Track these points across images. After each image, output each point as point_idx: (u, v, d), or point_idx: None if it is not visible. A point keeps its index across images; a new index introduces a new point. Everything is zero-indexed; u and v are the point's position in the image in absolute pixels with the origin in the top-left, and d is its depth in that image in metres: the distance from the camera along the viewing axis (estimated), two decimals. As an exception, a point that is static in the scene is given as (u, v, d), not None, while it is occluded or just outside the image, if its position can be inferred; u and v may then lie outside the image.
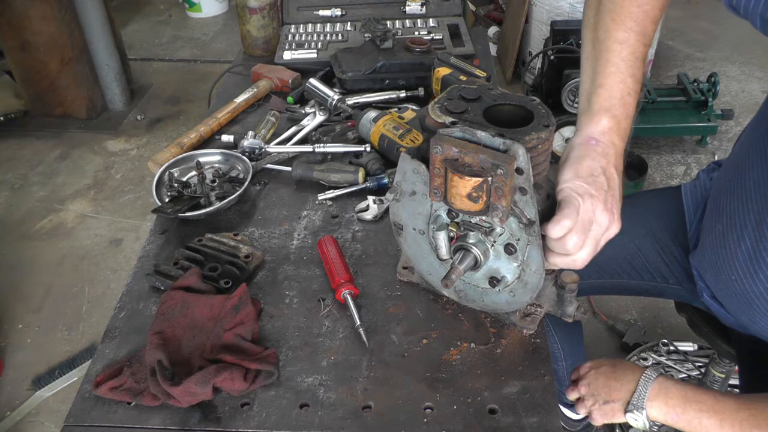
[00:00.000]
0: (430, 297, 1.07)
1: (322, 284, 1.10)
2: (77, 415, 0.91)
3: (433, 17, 1.92)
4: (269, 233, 1.22)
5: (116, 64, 3.58)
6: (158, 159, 1.37)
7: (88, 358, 2.25)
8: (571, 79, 2.83)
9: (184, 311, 1.01)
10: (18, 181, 3.21)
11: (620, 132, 0.91)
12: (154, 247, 1.20)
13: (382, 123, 1.36)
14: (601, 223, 0.85)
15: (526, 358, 0.96)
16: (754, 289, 1.02)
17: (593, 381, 1.12)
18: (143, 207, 3.00)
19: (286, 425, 0.88)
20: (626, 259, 1.33)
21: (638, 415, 1.04)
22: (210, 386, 0.89)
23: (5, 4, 3.17)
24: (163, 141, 3.45)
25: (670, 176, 3.09)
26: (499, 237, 0.89)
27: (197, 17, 4.88)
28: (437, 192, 0.87)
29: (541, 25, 3.40)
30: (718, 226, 1.10)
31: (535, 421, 0.87)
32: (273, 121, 1.47)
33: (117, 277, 2.62)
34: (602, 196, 0.85)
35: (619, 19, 0.95)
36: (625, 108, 0.92)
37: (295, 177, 1.32)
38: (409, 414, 0.89)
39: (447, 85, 1.44)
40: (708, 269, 1.17)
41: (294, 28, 1.90)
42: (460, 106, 0.88)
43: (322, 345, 1.00)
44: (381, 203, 1.25)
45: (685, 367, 2.09)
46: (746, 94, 3.67)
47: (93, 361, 0.99)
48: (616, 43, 0.94)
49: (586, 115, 0.93)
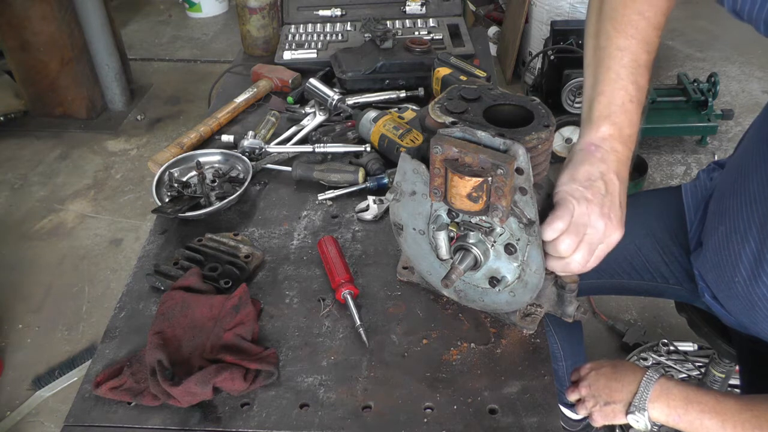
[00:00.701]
0: (430, 297, 1.07)
1: (322, 284, 1.10)
2: (77, 415, 0.91)
3: (433, 17, 1.92)
4: (269, 233, 1.22)
5: (116, 64, 3.58)
6: (158, 159, 1.37)
7: (88, 358, 2.25)
8: (571, 79, 2.83)
9: (184, 311, 1.00)
10: (18, 181, 3.21)
11: (622, 139, 0.90)
12: (154, 247, 1.20)
13: (382, 123, 1.36)
14: (597, 228, 0.84)
15: (526, 358, 0.96)
16: (757, 291, 1.02)
17: (594, 382, 1.12)
18: (143, 207, 3.00)
19: (286, 425, 0.88)
20: (626, 259, 1.33)
21: (640, 417, 1.03)
22: (210, 386, 0.89)
23: (5, 4, 3.17)
24: (163, 141, 3.45)
25: (670, 176, 3.09)
26: (499, 237, 0.89)
27: (197, 17, 4.88)
28: (437, 192, 0.87)
29: (541, 25, 3.40)
30: (721, 227, 1.10)
31: (535, 421, 0.87)
32: (273, 121, 1.47)
33: (117, 277, 2.62)
34: (599, 201, 0.84)
35: (619, 26, 0.94)
36: (627, 115, 0.91)
37: (295, 177, 1.32)
38: (409, 414, 0.89)
39: (447, 85, 1.44)
40: (710, 270, 1.16)
41: (294, 28, 1.90)
42: (460, 106, 0.88)
43: (322, 345, 1.00)
44: (381, 203, 1.25)
45: (685, 367, 2.08)
46: (746, 94, 3.67)
47: (93, 361, 0.99)
48: (617, 50, 0.93)
49: (587, 122, 0.92)
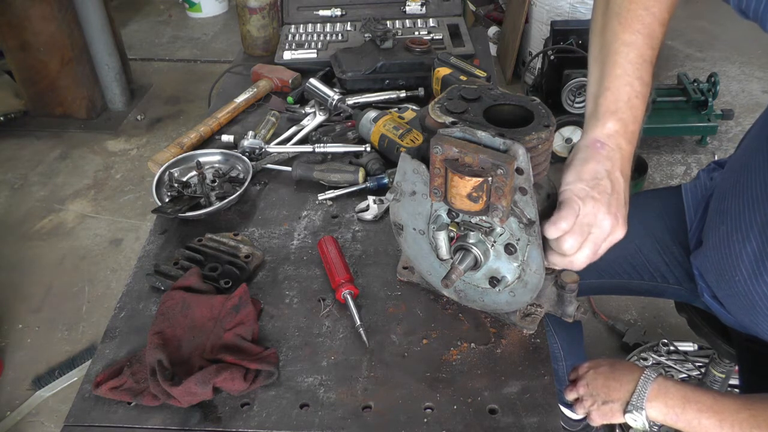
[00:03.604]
0: (430, 297, 1.07)
1: (322, 284, 1.10)
2: (77, 415, 0.91)
3: (433, 17, 1.92)
4: (269, 233, 1.22)
5: (116, 64, 3.58)
6: (158, 159, 1.37)
7: (88, 358, 2.25)
8: (571, 79, 2.83)
9: (184, 311, 1.01)
10: (18, 181, 3.21)
11: (627, 135, 0.89)
12: (154, 247, 1.20)
13: (382, 123, 1.36)
14: (603, 227, 0.83)
15: (526, 358, 0.96)
16: (758, 291, 1.02)
17: (592, 381, 1.12)
18: (143, 207, 3.00)
19: (286, 425, 0.88)
20: (626, 259, 1.33)
21: (637, 416, 1.03)
22: (210, 386, 0.89)
23: (5, 4, 3.16)
24: (163, 141, 3.45)
25: (670, 176, 3.09)
26: (499, 237, 0.89)
27: (197, 17, 4.88)
28: (437, 192, 0.87)
29: (541, 25, 3.40)
30: (722, 227, 1.10)
31: (535, 421, 0.87)
32: (273, 121, 1.47)
33: (117, 277, 2.62)
34: (605, 200, 0.84)
35: (626, 22, 0.93)
36: (633, 111, 0.90)
37: (295, 177, 1.32)
38: (409, 414, 0.89)
39: (447, 85, 1.44)
40: (710, 269, 1.16)
41: (294, 28, 1.90)
42: (460, 106, 0.88)
43: (322, 345, 1.00)
44: (381, 203, 1.25)
45: (685, 367, 2.08)
46: (746, 94, 3.67)
47: (93, 361, 0.99)
48: (623, 46, 0.92)
49: (593, 118, 0.91)
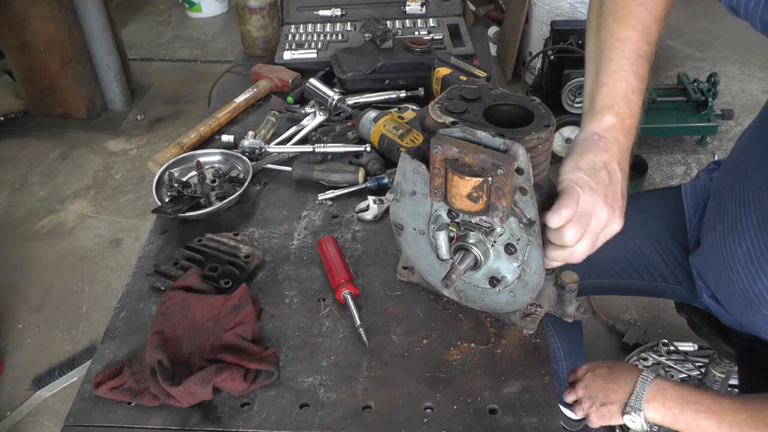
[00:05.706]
0: (430, 297, 1.07)
1: (322, 284, 1.10)
2: (77, 415, 0.91)
3: (433, 17, 1.92)
4: (269, 233, 1.22)
5: (116, 64, 3.58)
6: (158, 159, 1.37)
7: (88, 358, 2.25)
8: (571, 79, 2.83)
9: (184, 311, 1.00)
10: (18, 181, 3.21)
11: (624, 130, 0.90)
12: (154, 247, 1.20)
13: (382, 123, 1.36)
14: (601, 218, 0.84)
15: (526, 358, 0.96)
16: (755, 290, 1.02)
17: (590, 383, 1.12)
18: (143, 207, 3.00)
19: (286, 425, 0.88)
20: (626, 259, 1.33)
21: (636, 417, 1.03)
22: (210, 386, 0.89)
23: (5, 4, 3.16)
24: (163, 141, 3.45)
25: (670, 176, 3.09)
26: (499, 237, 0.89)
27: (197, 17, 4.88)
28: (437, 192, 0.87)
29: (541, 25, 3.40)
30: (719, 226, 1.10)
31: (535, 421, 0.87)
32: (273, 121, 1.47)
33: (117, 277, 2.62)
34: (603, 190, 0.84)
35: (621, 18, 0.94)
36: (629, 106, 0.91)
37: (295, 177, 1.32)
38: (409, 414, 0.89)
39: (447, 85, 1.44)
40: (708, 269, 1.17)
41: (294, 28, 1.90)
42: (460, 106, 0.88)
43: (322, 345, 1.00)
44: (381, 203, 1.25)
45: (685, 367, 2.08)
46: (746, 94, 3.67)
47: (93, 361, 0.99)
48: (619, 42, 0.93)
49: (590, 113, 0.92)
